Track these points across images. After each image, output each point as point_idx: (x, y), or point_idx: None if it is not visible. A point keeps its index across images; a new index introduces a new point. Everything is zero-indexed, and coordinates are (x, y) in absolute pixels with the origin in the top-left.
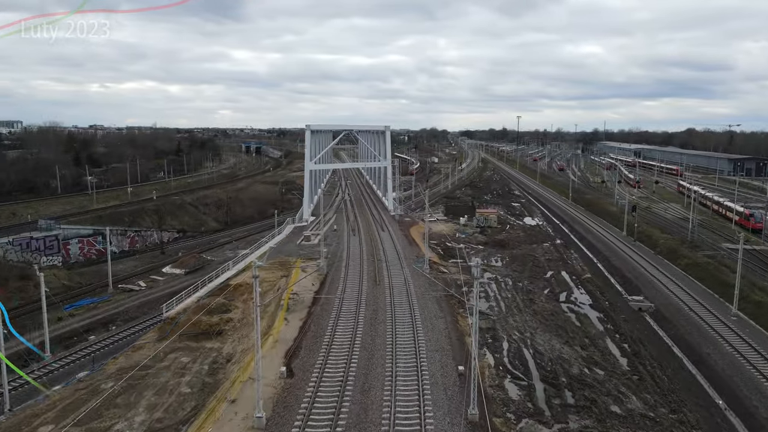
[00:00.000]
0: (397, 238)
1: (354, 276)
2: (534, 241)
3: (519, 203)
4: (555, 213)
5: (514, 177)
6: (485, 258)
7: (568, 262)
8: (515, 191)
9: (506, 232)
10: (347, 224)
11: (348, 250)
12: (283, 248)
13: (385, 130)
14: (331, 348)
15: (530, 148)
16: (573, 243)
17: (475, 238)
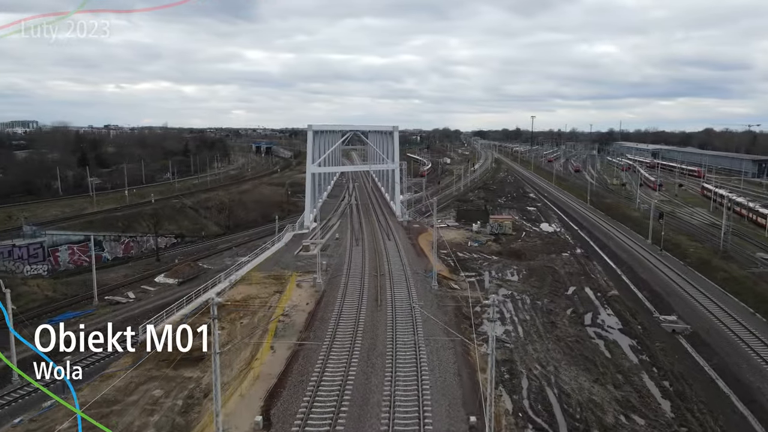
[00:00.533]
0: (404, 247)
1: (353, 294)
2: (552, 251)
3: (535, 207)
4: (573, 218)
5: (528, 179)
6: (500, 271)
7: (591, 276)
8: (530, 194)
9: (522, 240)
10: (351, 232)
11: (349, 262)
12: (279, 259)
13: (393, 130)
14: (319, 388)
15: (544, 148)
16: (595, 253)
17: (489, 247)
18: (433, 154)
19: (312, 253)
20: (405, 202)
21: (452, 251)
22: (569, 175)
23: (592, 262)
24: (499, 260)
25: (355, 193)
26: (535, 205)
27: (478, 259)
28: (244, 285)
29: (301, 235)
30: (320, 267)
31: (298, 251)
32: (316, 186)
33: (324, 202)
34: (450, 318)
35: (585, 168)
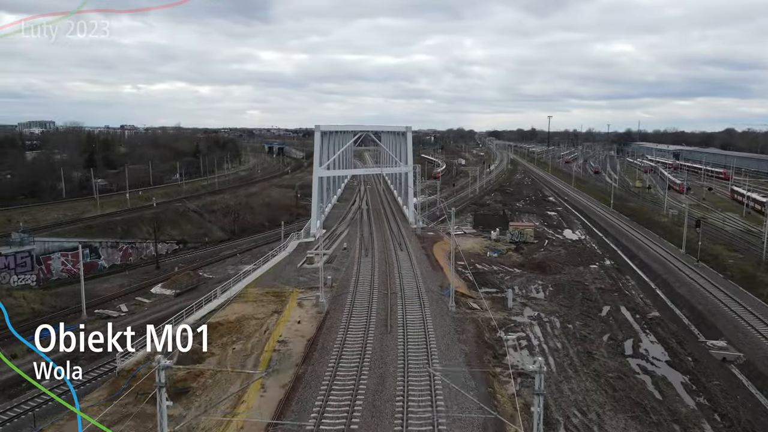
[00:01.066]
0: (418, 259)
1: (360, 316)
2: (579, 262)
3: (555, 212)
4: (597, 224)
5: (546, 181)
6: (523, 286)
7: (626, 293)
8: (549, 197)
9: (545, 249)
10: (360, 241)
11: (357, 276)
12: (281, 272)
13: (406, 131)
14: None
15: (561, 149)
16: (625, 264)
17: (510, 257)
18: (447, 155)
19: (316, 265)
20: (419, 206)
21: (470, 263)
22: (588, 176)
23: (624, 275)
24: (521, 273)
25: (367, 197)
26: (556, 210)
27: (499, 272)
28: (239, 303)
29: (306, 244)
30: (324, 284)
31: (301, 263)
32: (324, 190)
33: (333, 206)
34: (470, 347)
35: (604, 169)
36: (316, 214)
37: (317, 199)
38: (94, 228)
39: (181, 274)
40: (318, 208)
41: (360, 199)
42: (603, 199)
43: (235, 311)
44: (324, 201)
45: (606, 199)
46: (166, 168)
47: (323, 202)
